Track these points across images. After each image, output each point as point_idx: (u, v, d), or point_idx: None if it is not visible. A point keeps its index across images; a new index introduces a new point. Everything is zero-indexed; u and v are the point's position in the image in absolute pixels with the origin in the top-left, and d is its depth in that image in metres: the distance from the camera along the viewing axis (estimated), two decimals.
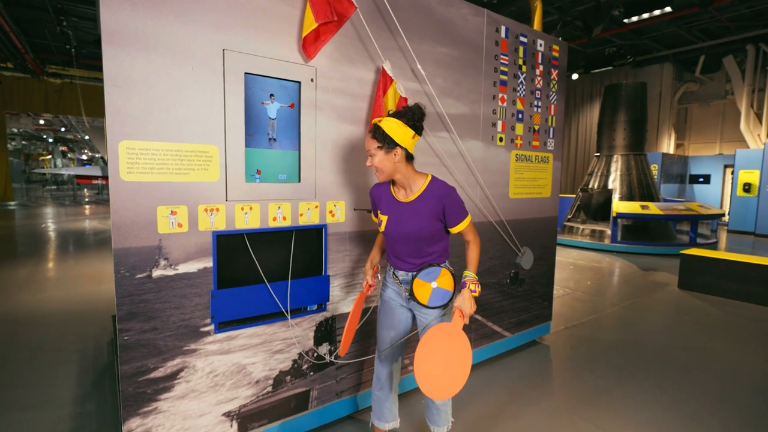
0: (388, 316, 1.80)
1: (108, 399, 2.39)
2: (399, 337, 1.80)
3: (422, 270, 1.65)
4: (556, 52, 3.07)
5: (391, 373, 1.80)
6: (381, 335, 1.81)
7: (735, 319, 3.98)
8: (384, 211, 1.71)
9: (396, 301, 1.79)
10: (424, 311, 1.71)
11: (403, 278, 1.72)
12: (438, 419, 1.80)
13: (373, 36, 2.03)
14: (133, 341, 1.54)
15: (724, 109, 12.58)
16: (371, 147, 1.61)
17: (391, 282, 1.80)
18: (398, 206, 1.68)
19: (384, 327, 1.80)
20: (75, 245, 7.46)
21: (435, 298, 1.65)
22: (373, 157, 1.61)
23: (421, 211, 1.63)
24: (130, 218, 1.49)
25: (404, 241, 1.67)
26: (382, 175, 1.64)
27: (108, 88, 1.42)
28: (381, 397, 1.82)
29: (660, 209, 7.32)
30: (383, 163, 1.60)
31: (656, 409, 2.36)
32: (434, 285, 1.65)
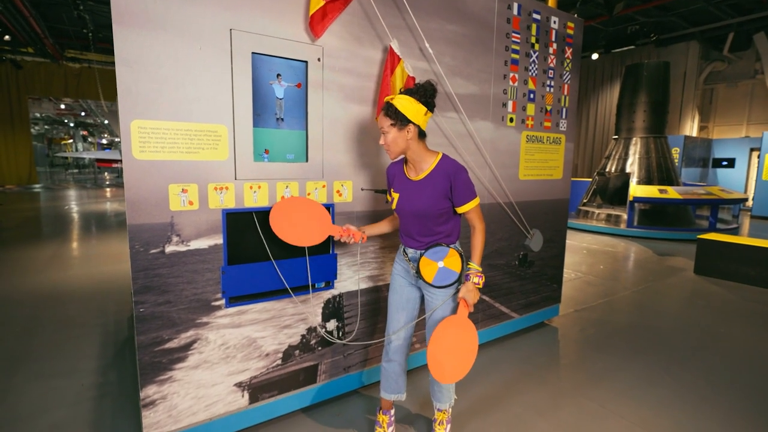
0: (398, 294, 1.84)
1: (128, 370, 2.51)
2: (409, 316, 1.84)
3: (430, 248, 1.67)
4: (570, 29, 2.99)
5: (399, 347, 1.85)
6: (391, 313, 1.86)
7: (750, 304, 3.90)
8: (396, 189, 1.75)
9: (405, 280, 1.82)
10: (431, 290, 1.74)
11: (411, 256, 1.76)
12: (441, 396, 1.86)
13: (381, 14, 2.01)
14: (149, 313, 1.61)
15: (753, 89, 12.05)
16: (384, 125, 1.62)
17: (401, 259, 1.83)
18: (409, 184, 1.71)
19: (394, 305, 1.85)
20: (97, 226, 7.70)
21: (440, 277, 1.68)
22: (387, 134, 1.62)
23: (430, 188, 1.65)
24: (143, 195, 1.55)
25: (414, 218, 1.70)
26: (392, 153, 1.66)
27: (119, 67, 1.46)
28: (389, 369, 1.87)
29: (679, 193, 7.14)
30: (396, 140, 1.62)
31: (662, 390, 2.37)
32: (441, 264, 1.67)
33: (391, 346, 1.85)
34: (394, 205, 1.76)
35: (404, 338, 1.85)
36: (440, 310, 1.73)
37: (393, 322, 1.85)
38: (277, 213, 1.76)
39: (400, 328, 1.83)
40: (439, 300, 1.74)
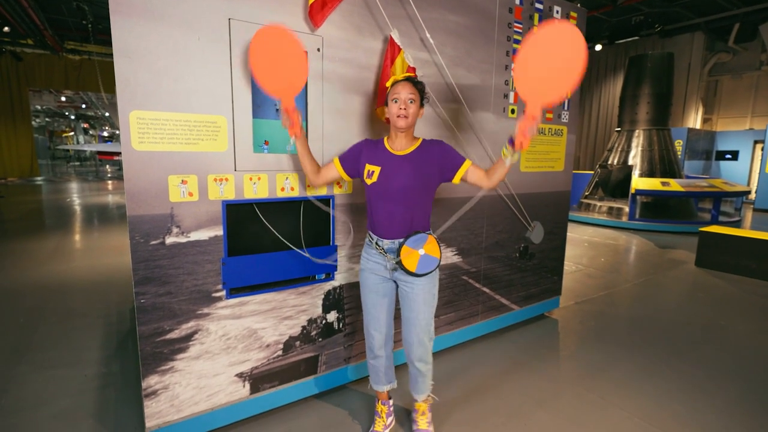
0: (373, 292, 1.77)
1: (131, 360, 2.53)
2: (388, 311, 1.80)
3: (410, 237, 1.63)
4: (573, 19, 2.95)
5: (384, 342, 1.82)
6: (369, 312, 1.80)
7: (751, 297, 3.90)
8: (376, 163, 1.67)
9: (379, 276, 1.75)
10: (410, 280, 1.69)
11: (388, 247, 1.69)
12: (423, 387, 1.83)
13: (381, 4, 1.99)
14: (149, 304, 1.62)
15: (758, 81, 11.92)
16: (412, 92, 1.61)
17: (372, 254, 1.74)
18: (393, 158, 1.66)
19: (371, 304, 1.78)
20: (99, 218, 7.72)
21: (423, 265, 1.64)
22: (413, 102, 1.61)
23: (421, 160, 1.65)
24: (142, 187, 1.54)
25: (394, 198, 1.63)
26: (407, 122, 1.62)
27: (117, 58, 1.45)
28: (376, 365, 1.85)
29: (681, 186, 7.11)
30: (415, 112, 1.64)
31: (662, 382, 2.38)
32: (422, 252, 1.64)
33: (375, 342, 1.81)
34: (374, 179, 1.64)
35: (386, 333, 1.82)
36: (421, 299, 1.71)
37: (373, 321, 1.79)
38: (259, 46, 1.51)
39: (380, 326, 1.79)
40: (419, 289, 1.70)
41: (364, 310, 1.83)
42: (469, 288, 2.70)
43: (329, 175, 1.76)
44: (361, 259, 1.81)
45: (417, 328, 1.74)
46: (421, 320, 1.73)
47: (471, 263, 2.67)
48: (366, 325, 1.83)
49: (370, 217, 1.74)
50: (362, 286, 1.81)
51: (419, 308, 1.72)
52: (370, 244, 1.75)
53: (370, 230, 1.76)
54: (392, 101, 1.64)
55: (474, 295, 2.73)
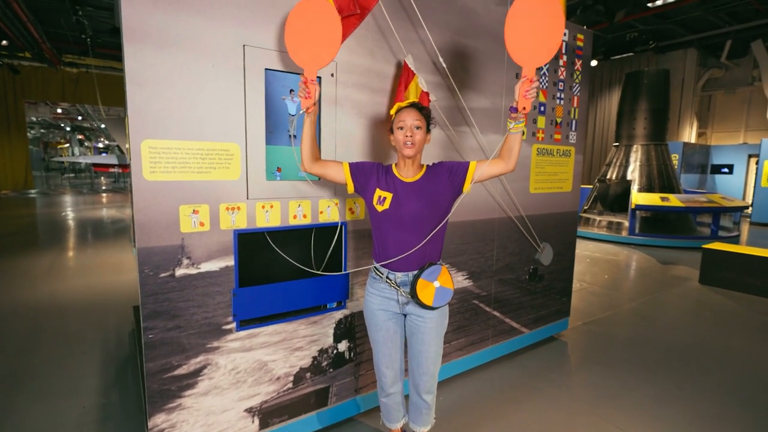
0: (384, 329, 1.69)
1: (131, 390, 2.44)
2: (400, 347, 1.73)
3: (425, 269, 1.58)
4: (580, 41, 2.97)
5: (396, 379, 1.76)
6: (380, 349, 1.72)
7: (758, 316, 3.88)
8: (387, 189, 1.61)
9: (388, 311, 1.68)
10: (422, 313, 1.63)
11: (401, 280, 1.62)
12: (426, 419, 1.76)
13: (394, 27, 1.97)
14: (158, 339, 1.55)
15: (751, 96, 12.13)
16: (417, 118, 1.57)
17: (381, 289, 1.66)
18: (404, 185, 1.61)
19: (381, 341, 1.70)
20: (94, 234, 7.61)
21: (439, 297, 1.59)
22: (420, 129, 1.58)
23: (432, 183, 1.60)
24: (153, 218, 1.49)
25: (408, 224, 1.57)
26: (413, 150, 1.57)
27: (130, 86, 1.41)
28: (388, 404, 1.79)
29: (681, 201, 7.14)
30: (422, 139, 1.60)
31: (677, 410, 2.32)
32: (437, 284, 1.59)
33: (387, 381, 1.74)
34: (386, 205, 1.58)
35: (399, 368, 1.76)
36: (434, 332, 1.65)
37: (385, 358, 1.72)
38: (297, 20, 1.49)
39: (393, 364, 1.73)
40: (430, 322, 1.64)
41: (374, 348, 1.75)
42: (479, 312, 2.64)
43: (330, 171, 1.63)
44: (367, 294, 1.72)
45: (428, 361, 1.68)
46: (432, 353, 1.67)
47: (481, 287, 2.62)
48: (377, 363, 1.75)
49: (380, 249, 1.64)
50: (371, 324, 1.72)
51: (431, 341, 1.66)
52: (379, 279, 1.66)
53: (379, 264, 1.66)
54: (398, 129, 1.59)
55: (484, 319, 2.68)
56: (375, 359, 1.76)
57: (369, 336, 1.76)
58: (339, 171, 1.63)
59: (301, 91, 1.49)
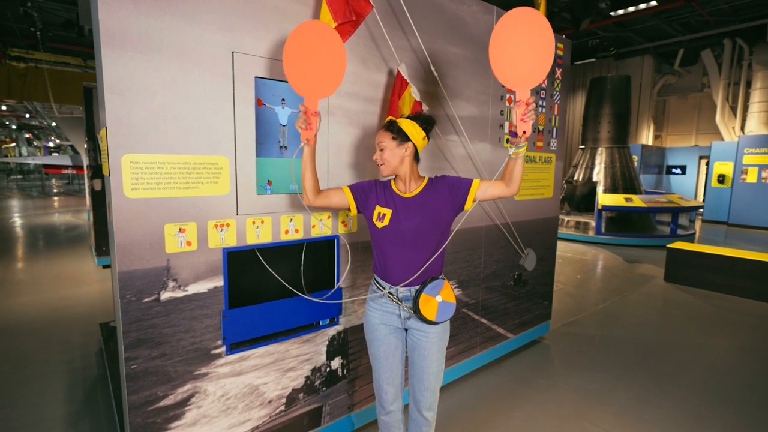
0: (385, 344, 1.64)
1: (102, 416, 2.27)
2: (401, 363, 1.69)
3: (427, 284, 1.55)
4: (560, 50, 3.02)
5: (397, 396, 1.70)
6: (381, 364, 1.66)
7: (723, 312, 4.11)
8: (386, 205, 1.58)
9: (390, 326, 1.63)
10: (424, 328, 1.60)
11: (403, 295, 1.59)
12: None
13: (387, 35, 1.92)
14: (141, 369, 1.43)
15: (701, 101, 12.93)
16: (384, 139, 1.55)
17: (382, 304, 1.62)
18: (402, 201, 1.58)
19: (382, 357, 1.65)
20: (48, 242, 7.10)
21: (442, 312, 1.56)
22: (383, 150, 1.55)
23: (431, 198, 1.57)
24: (135, 239, 1.37)
25: (408, 240, 1.54)
26: (387, 169, 1.56)
27: (108, 96, 1.28)
28: (388, 422, 1.72)
29: (644, 202, 7.49)
30: (393, 155, 1.54)
31: (659, 411, 2.41)
32: (440, 299, 1.56)
33: (388, 398, 1.68)
34: (386, 222, 1.55)
35: (399, 385, 1.71)
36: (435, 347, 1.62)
37: (386, 374, 1.66)
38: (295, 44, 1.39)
39: (394, 380, 1.67)
40: (433, 337, 1.61)
41: (374, 364, 1.69)
42: (468, 320, 2.64)
43: (333, 199, 1.61)
44: (368, 309, 1.67)
45: (430, 376, 1.64)
46: (434, 368, 1.64)
47: (470, 295, 2.62)
48: (377, 379, 1.69)
49: (381, 264, 1.61)
50: (371, 339, 1.67)
51: (433, 356, 1.63)
52: (380, 293, 1.62)
53: (380, 278, 1.62)
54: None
55: (473, 326, 2.68)
56: (375, 375, 1.70)
57: (369, 352, 1.70)
58: (342, 197, 1.60)
59: (301, 122, 1.43)
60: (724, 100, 11.35)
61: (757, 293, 4.47)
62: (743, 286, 4.57)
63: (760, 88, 10.36)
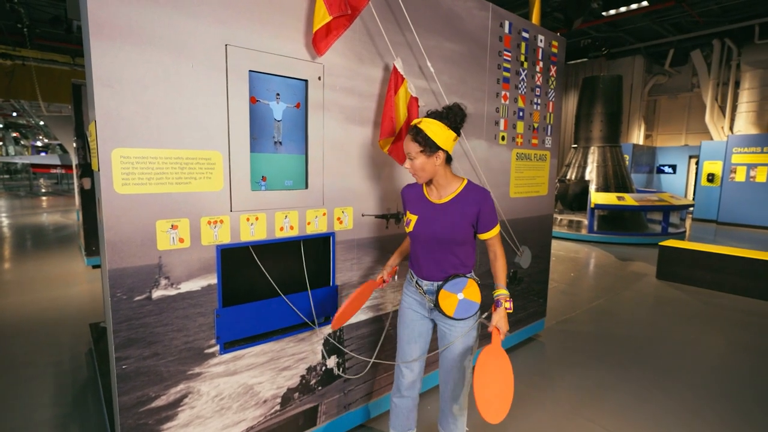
0: (409, 328, 1.73)
1: (92, 418, 2.22)
2: (422, 349, 1.75)
3: (449, 281, 1.59)
4: (555, 48, 3.03)
5: (413, 383, 1.75)
6: (403, 348, 1.75)
7: (713, 309, 4.15)
8: (414, 211, 1.65)
9: (418, 313, 1.72)
10: (449, 323, 1.65)
11: (427, 288, 1.66)
12: (452, 428, 1.75)
13: (382, 30, 1.90)
14: (133, 369, 1.39)
15: (691, 101, 13.08)
16: (412, 150, 1.54)
17: (413, 291, 1.72)
18: (430, 207, 1.62)
19: (405, 340, 1.74)
20: (36, 243, 6.97)
21: (461, 309, 1.60)
22: (414, 160, 1.55)
23: (456, 212, 1.58)
24: (126, 235, 1.33)
25: (432, 244, 1.60)
26: (421, 179, 1.60)
27: (98, 89, 1.24)
28: (400, 406, 1.78)
29: (635, 200, 7.55)
30: (425, 167, 1.56)
31: (655, 407, 2.42)
32: (461, 296, 1.59)
33: (405, 381, 1.75)
34: (411, 228, 1.64)
35: (418, 372, 1.76)
36: (459, 342, 1.65)
37: (406, 354, 1.74)
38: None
39: (414, 359, 1.73)
40: (457, 332, 1.64)
41: (398, 345, 1.78)
42: None
43: None
44: (402, 293, 1.79)
45: (453, 370, 1.68)
46: (457, 362, 1.67)
47: None
48: (398, 359, 1.77)
49: (412, 257, 1.72)
50: (400, 321, 1.78)
51: (456, 349, 1.67)
52: (411, 282, 1.73)
53: (411, 269, 1.73)
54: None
55: None
56: (397, 356, 1.78)
57: (397, 333, 1.80)
58: None
59: (388, 278, 1.83)
60: (714, 100, 11.49)
61: (747, 290, 4.53)
62: (733, 283, 4.62)
63: (748, 89, 10.51)
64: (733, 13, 9.89)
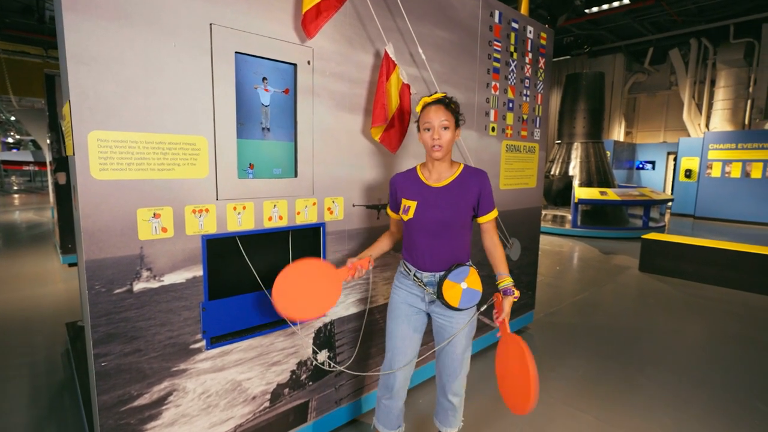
0: (405, 324, 1.65)
1: (70, 421, 2.11)
2: (416, 347, 1.68)
3: (452, 270, 1.54)
4: (543, 39, 3.02)
5: (404, 383, 1.69)
6: (396, 345, 1.66)
7: (694, 299, 4.24)
8: (412, 197, 1.58)
9: (413, 307, 1.65)
10: (450, 314, 1.59)
11: (428, 280, 1.59)
12: (453, 420, 1.72)
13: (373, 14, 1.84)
14: (113, 367, 1.32)
15: (669, 99, 13.40)
16: (445, 118, 1.49)
17: (409, 285, 1.64)
18: (431, 191, 1.56)
19: (400, 336, 1.65)
20: (8, 241, 6.68)
21: (466, 299, 1.55)
22: (447, 129, 1.50)
23: (459, 194, 1.54)
24: (104, 224, 1.25)
25: (433, 230, 1.54)
26: (442, 152, 1.52)
27: (72, 65, 1.16)
28: (389, 406, 1.71)
29: (618, 195, 7.69)
30: (451, 140, 1.53)
31: (644, 394, 2.44)
32: (464, 286, 1.54)
33: (396, 382, 1.66)
34: (410, 215, 1.55)
35: (409, 370, 1.69)
36: (463, 334, 1.61)
37: (399, 355, 1.65)
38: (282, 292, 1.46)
39: (408, 363, 1.66)
40: (458, 323, 1.60)
41: (390, 343, 1.68)
42: None
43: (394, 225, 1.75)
44: (394, 287, 1.70)
45: (455, 362, 1.63)
46: (459, 354, 1.63)
47: None
48: (389, 359, 1.68)
49: (409, 248, 1.63)
50: (392, 316, 1.68)
51: (458, 341, 1.62)
52: (406, 275, 1.64)
53: (407, 261, 1.64)
54: (425, 130, 1.53)
55: None
56: (388, 356, 1.69)
57: (387, 330, 1.71)
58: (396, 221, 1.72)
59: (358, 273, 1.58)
60: (691, 97, 11.79)
61: (729, 281, 4.64)
62: (716, 274, 4.73)
63: (723, 87, 10.82)
64: (709, 13, 10.15)
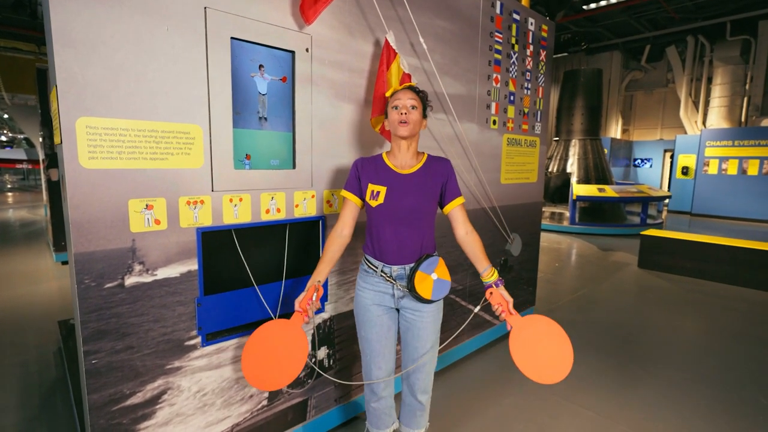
0: (378, 325, 1.56)
1: (61, 420, 2.06)
2: (393, 347, 1.61)
3: (422, 261, 1.48)
4: (545, 32, 2.98)
5: (387, 383, 1.63)
6: (373, 348, 1.57)
7: (694, 295, 4.22)
8: (378, 182, 1.50)
9: (383, 306, 1.56)
10: (419, 308, 1.53)
11: (397, 274, 1.51)
12: (420, 420, 1.66)
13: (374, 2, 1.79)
14: (104, 364, 1.26)
15: (666, 96, 13.42)
16: (413, 98, 1.48)
17: (374, 283, 1.54)
18: (398, 177, 1.50)
19: (375, 339, 1.57)
20: (1, 239, 6.58)
21: (437, 290, 1.49)
22: (415, 108, 1.48)
23: (428, 180, 1.51)
24: (94, 215, 1.20)
25: (402, 218, 1.47)
26: (408, 129, 1.46)
27: (58, 48, 1.10)
28: (379, 409, 1.64)
29: (616, 192, 7.67)
30: (418, 120, 1.49)
31: (646, 391, 2.41)
32: (435, 277, 1.49)
33: (380, 384, 1.60)
34: (380, 200, 1.47)
35: (392, 370, 1.63)
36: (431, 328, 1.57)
37: (377, 357, 1.57)
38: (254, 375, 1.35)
39: (387, 364, 1.59)
40: (426, 318, 1.54)
41: (364, 347, 1.60)
42: (456, 306, 2.56)
43: (349, 216, 1.56)
44: (358, 289, 1.59)
45: (425, 358, 1.57)
46: (428, 349, 1.57)
47: (458, 280, 2.54)
48: (368, 363, 1.60)
49: (375, 242, 1.53)
50: (363, 320, 1.58)
51: (427, 336, 1.56)
52: (372, 273, 1.54)
53: (371, 257, 1.55)
54: (392, 108, 1.49)
55: (461, 313, 2.61)
56: (365, 360, 1.60)
57: (359, 335, 1.61)
58: (350, 207, 1.56)
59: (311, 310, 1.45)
60: (687, 95, 11.81)
61: (728, 277, 4.63)
62: (715, 270, 4.72)
63: (720, 84, 10.84)
64: (706, 10, 10.15)
